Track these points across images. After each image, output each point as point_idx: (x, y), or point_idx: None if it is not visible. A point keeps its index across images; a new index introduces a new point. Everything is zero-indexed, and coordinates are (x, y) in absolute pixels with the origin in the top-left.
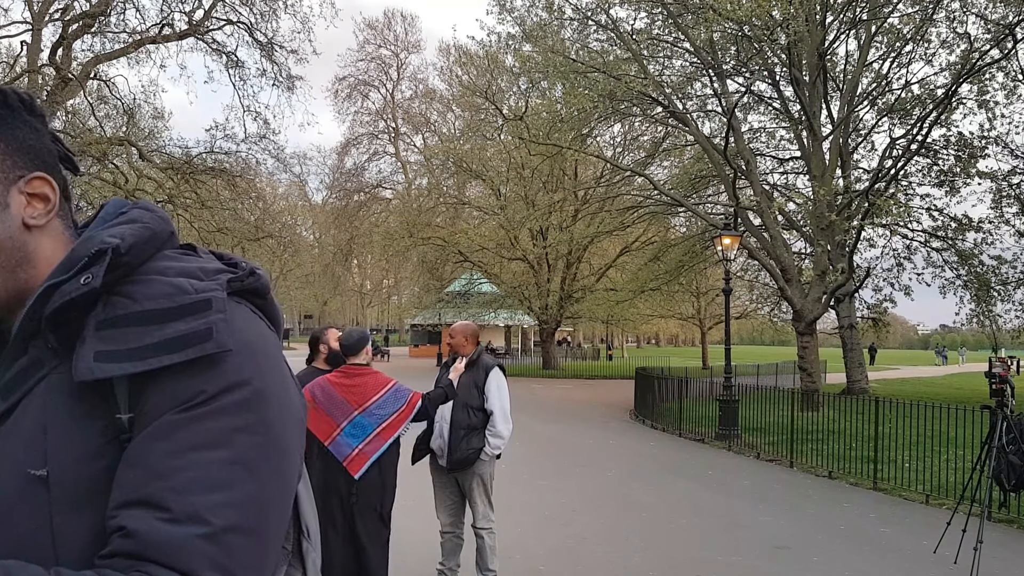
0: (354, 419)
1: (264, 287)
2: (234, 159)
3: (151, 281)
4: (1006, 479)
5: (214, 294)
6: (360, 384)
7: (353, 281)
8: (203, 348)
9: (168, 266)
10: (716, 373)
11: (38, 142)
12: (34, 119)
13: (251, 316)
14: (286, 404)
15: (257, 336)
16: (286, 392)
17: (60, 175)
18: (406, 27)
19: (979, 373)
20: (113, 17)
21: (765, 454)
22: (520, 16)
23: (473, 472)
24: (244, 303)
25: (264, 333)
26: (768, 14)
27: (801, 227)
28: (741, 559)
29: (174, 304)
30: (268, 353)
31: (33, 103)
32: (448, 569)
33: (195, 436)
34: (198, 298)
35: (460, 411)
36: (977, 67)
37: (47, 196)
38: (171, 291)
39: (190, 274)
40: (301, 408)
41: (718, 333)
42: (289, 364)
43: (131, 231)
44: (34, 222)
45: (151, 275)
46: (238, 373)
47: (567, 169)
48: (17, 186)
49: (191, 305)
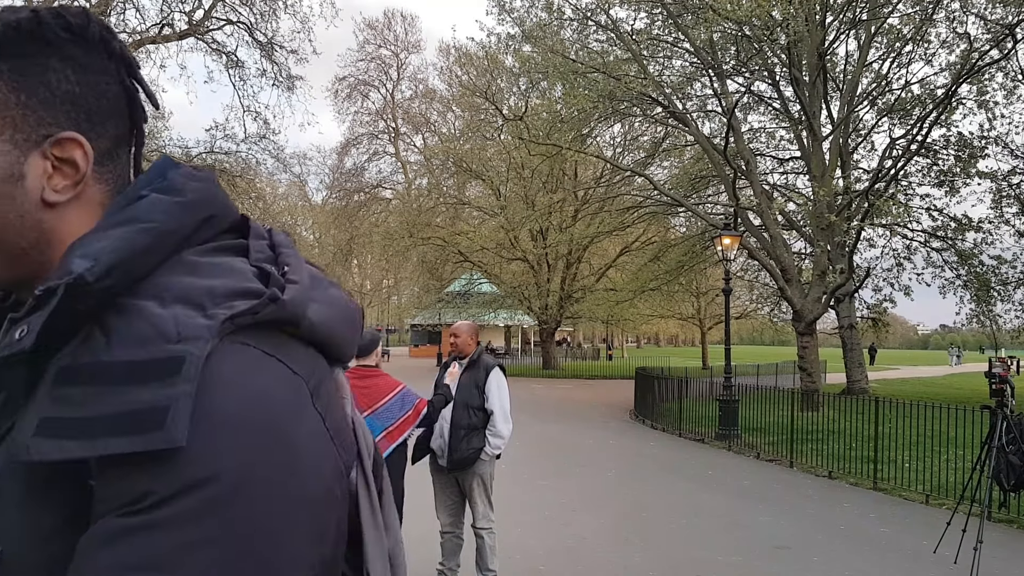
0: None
1: (293, 315)
2: (234, 159)
3: (138, 312)
4: (1006, 479)
5: (190, 349)
6: (371, 386)
7: (353, 281)
8: (150, 440)
9: (173, 283)
10: (716, 373)
11: (84, 87)
12: (85, 52)
13: (254, 370)
14: (285, 491)
15: (252, 403)
16: (292, 472)
17: (112, 125)
18: (406, 27)
19: (979, 373)
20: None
21: (765, 454)
22: (520, 17)
23: (473, 472)
24: (253, 346)
25: (271, 392)
26: (768, 14)
27: (801, 227)
28: (741, 559)
29: (145, 357)
30: (268, 425)
31: (86, 30)
32: (448, 569)
33: (135, 553)
34: (171, 353)
35: (460, 411)
36: (977, 67)
37: (76, 163)
38: (150, 334)
39: (191, 300)
40: (328, 478)
41: (718, 333)
42: (339, 405)
43: (117, 243)
44: (56, 197)
45: (147, 299)
46: (204, 466)
47: (567, 169)
48: (41, 149)
49: (159, 364)
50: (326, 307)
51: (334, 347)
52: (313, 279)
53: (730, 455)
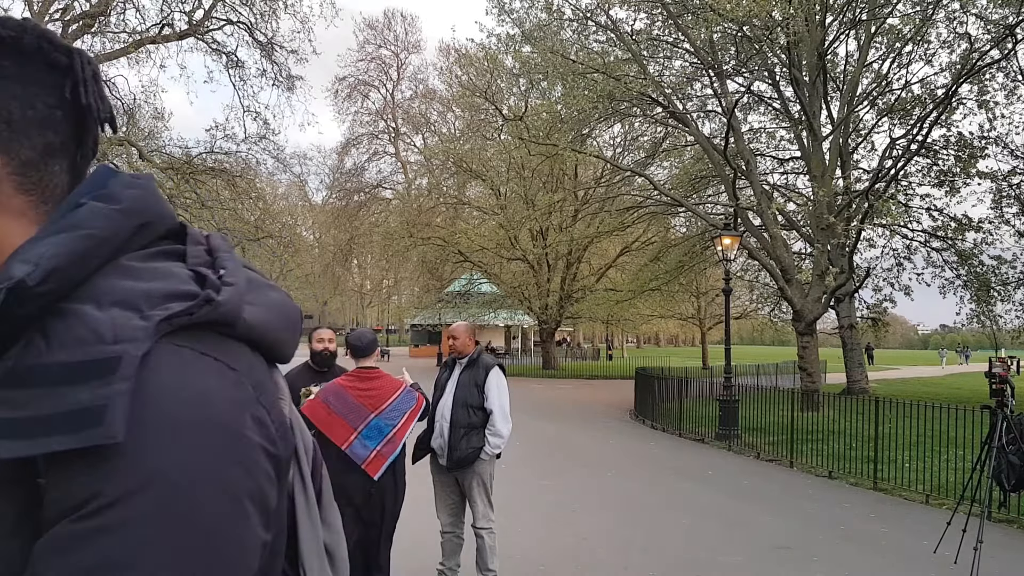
0: (370, 422)
1: (228, 316)
2: (234, 159)
3: (77, 316)
4: (1006, 479)
5: (127, 348)
6: (376, 388)
7: (353, 281)
8: (89, 436)
9: (112, 286)
10: (716, 373)
11: (6, 96)
12: (14, 63)
13: (192, 370)
14: (230, 485)
15: (192, 402)
16: (236, 466)
17: (39, 136)
18: (406, 27)
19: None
20: (113, 17)
21: (765, 454)
22: (519, 17)
23: (473, 471)
24: (189, 347)
25: (210, 390)
26: (768, 14)
27: (801, 227)
28: (741, 559)
29: (84, 358)
30: (208, 422)
31: (19, 41)
32: (448, 569)
33: (87, 559)
34: (107, 354)
35: (460, 410)
36: (977, 67)
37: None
38: (88, 336)
39: (128, 304)
40: (270, 469)
41: (718, 333)
42: (277, 395)
43: (57, 249)
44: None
45: (85, 302)
46: (148, 465)
47: (567, 169)
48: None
49: (96, 364)
50: (263, 309)
51: (272, 348)
52: (250, 282)
53: (730, 455)
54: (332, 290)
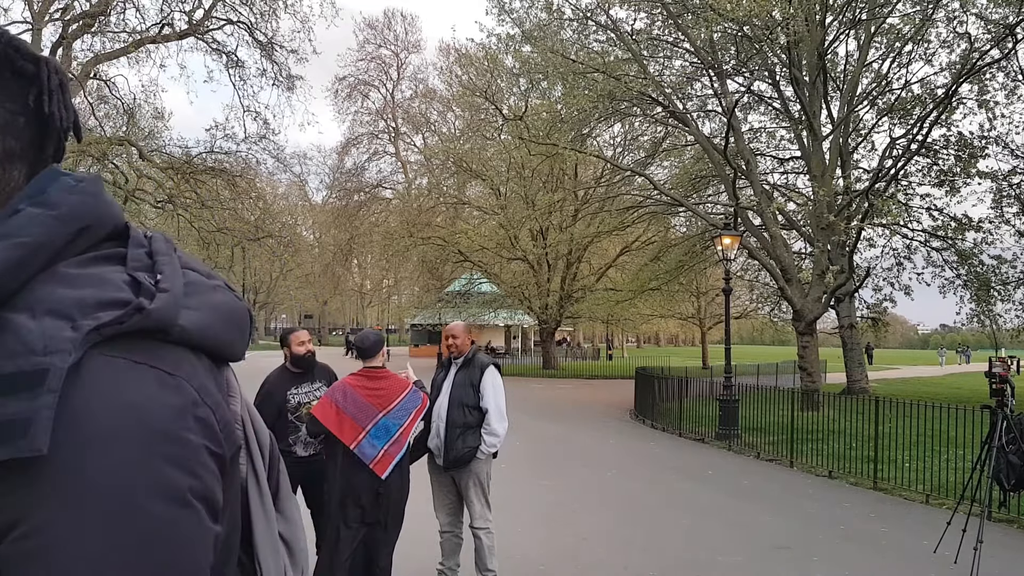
0: (379, 422)
1: (161, 323)
2: (234, 159)
3: (9, 327)
4: (1006, 479)
5: (53, 361)
6: (384, 387)
7: (353, 281)
8: (13, 448)
9: (47, 295)
10: (716, 373)
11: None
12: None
13: (124, 380)
14: (173, 491)
15: (124, 413)
16: (180, 472)
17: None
18: (406, 27)
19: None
20: (113, 17)
21: (765, 454)
22: (519, 17)
23: (470, 470)
24: (122, 357)
25: (143, 399)
26: (768, 14)
27: (801, 227)
28: (741, 559)
29: (12, 370)
30: (142, 432)
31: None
32: (448, 569)
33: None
34: (35, 366)
35: (456, 410)
36: (977, 67)
37: None
38: (18, 348)
39: (60, 312)
40: (207, 468)
41: (718, 333)
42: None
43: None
44: None
45: (20, 311)
46: (73, 481)
47: (567, 169)
48: None
49: (24, 376)
50: (203, 312)
51: (215, 349)
52: (190, 286)
53: (730, 455)
54: (332, 290)
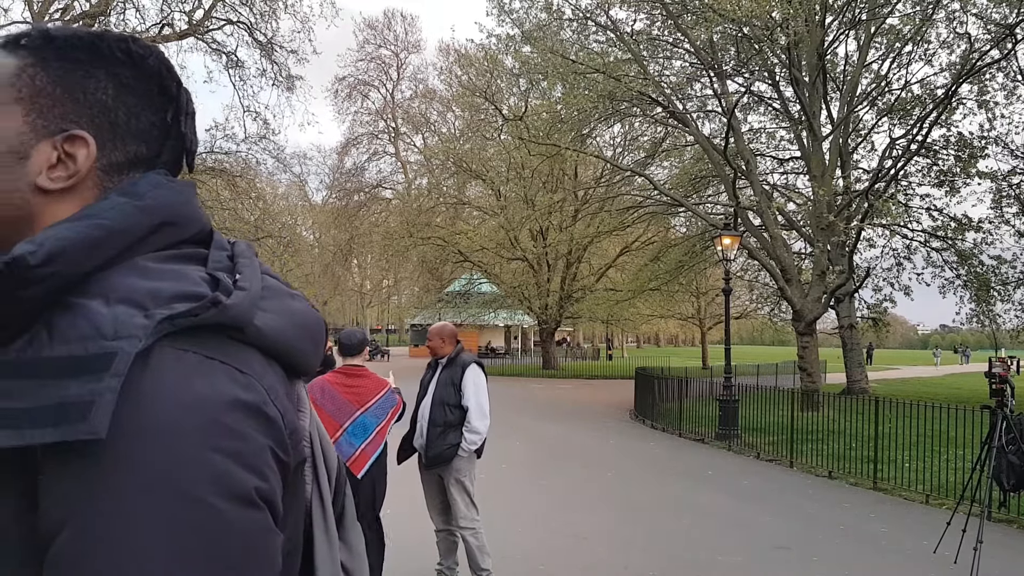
0: (356, 419)
1: (236, 320)
2: (234, 159)
3: (82, 311)
4: (1006, 479)
5: (122, 346)
6: (361, 385)
7: (353, 281)
8: (71, 431)
9: (123, 284)
10: (716, 373)
11: (119, 103)
12: (135, 77)
13: (193, 375)
14: (228, 489)
15: (189, 408)
16: (237, 470)
17: (134, 145)
18: (406, 27)
19: (979, 373)
20: (113, 17)
21: (765, 454)
22: (519, 18)
23: (452, 469)
24: (193, 351)
25: (210, 394)
26: (768, 14)
27: (801, 227)
28: (741, 559)
29: (81, 353)
30: (200, 424)
31: (144, 60)
32: (447, 568)
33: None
34: (104, 349)
35: (437, 408)
36: (977, 67)
37: (77, 159)
38: (88, 331)
39: (135, 301)
40: (272, 469)
41: (718, 333)
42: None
43: (64, 233)
44: (49, 185)
45: (94, 297)
46: (133, 468)
47: (567, 169)
48: (53, 140)
49: (91, 360)
50: (279, 317)
51: (288, 357)
52: (269, 289)
53: (730, 455)
54: (332, 290)
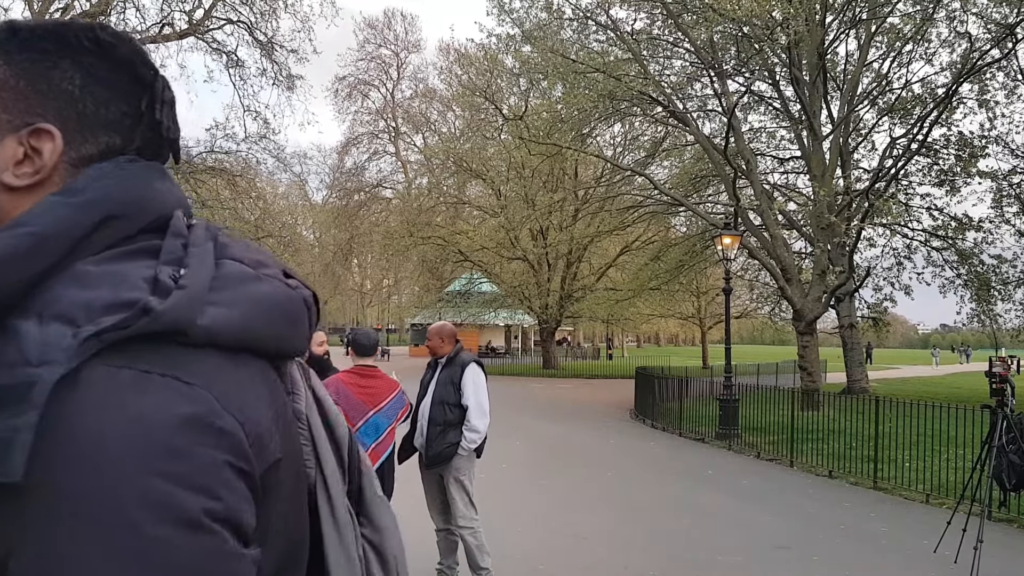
0: (369, 419)
1: (175, 324)
2: (234, 159)
3: (14, 334)
4: (1006, 478)
5: (41, 373)
6: (375, 386)
7: (353, 281)
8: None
9: (58, 297)
10: (716, 373)
11: (87, 93)
12: (105, 67)
13: (125, 393)
14: (171, 515)
15: (118, 430)
16: (173, 493)
17: (105, 136)
18: (406, 27)
19: (979, 373)
20: (113, 16)
21: (765, 454)
22: (519, 17)
23: (451, 468)
24: (128, 367)
25: (147, 414)
26: (768, 14)
27: (801, 227)
28: (741, 559)
29: (5, 382)
30: (136, 449)
31: (113, 48)
32: (447, 567)
33: None
34: (25, 379)
35: (437, 408)
36: (977, 67)
37: (42, 153)
38: (16, 358)
39: (67, 317)
40: (228, 485)
41: (718, 333)
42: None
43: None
44: (13, 181)
45: (29, 316)
46: (66, 507)
47: (567, 169)
48: (19, 135)
49: (12, 390)
50: (238, 307)
51: (261, 346)
52: (223, 279)
53: (730, 455)
54: (332, 290)
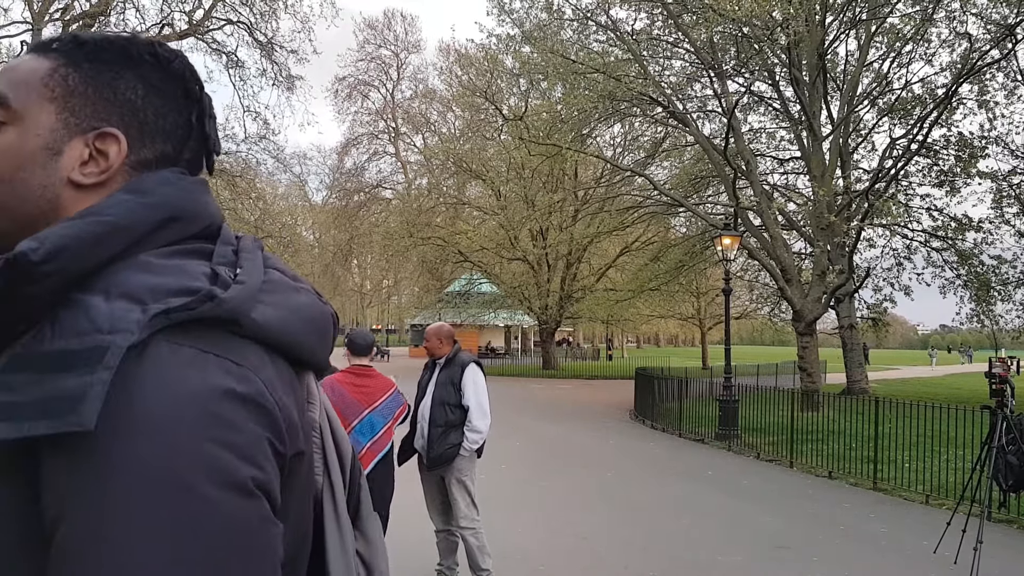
0: (364, 418)
1: (232, 313)
2: (234, 159)
3: (83, 306)
4: (1005, 479)
5: (115, 339)
6: (369, 385)
7: (353, 281)
8: (62, 422)
9: (125, 279)
10: (716, 373)
11: (147, 103)
12: (161, 80)
13: (186, 368)
14: (218, 477)
15: (177, 398)
16: (230, 461)
17: (161, 143)
18: (406, 27)
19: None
20: (113, 17)
21: (765, 454)
22: (519, 18)
23: (453, 469)
24: (188, 345)
25: (202, 388)
26: (768, 14)
27: (801, 227)
28: (741, 559)
29: (77, 347)
30: (191, 416)
31: (170, 63)
32: (447, 568)
33: (85, 570)
34: (97, 343)
35: (438, 409)
36: (977, 67)
37: (109, 155)
38: (86, 326)
39: (134, 296)
40: (268, 460)
41: (718, 333)
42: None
43: (67, 231)
44: (82, 179)
45: (96, 293)
46: (122, 467)
47: (567, 169)
48: (85, 137)
49: (84, 354)
50: (281, 311)
51: (292, 351)
52: (271, 283)
53: (730, 455)
54: (332, 290)
